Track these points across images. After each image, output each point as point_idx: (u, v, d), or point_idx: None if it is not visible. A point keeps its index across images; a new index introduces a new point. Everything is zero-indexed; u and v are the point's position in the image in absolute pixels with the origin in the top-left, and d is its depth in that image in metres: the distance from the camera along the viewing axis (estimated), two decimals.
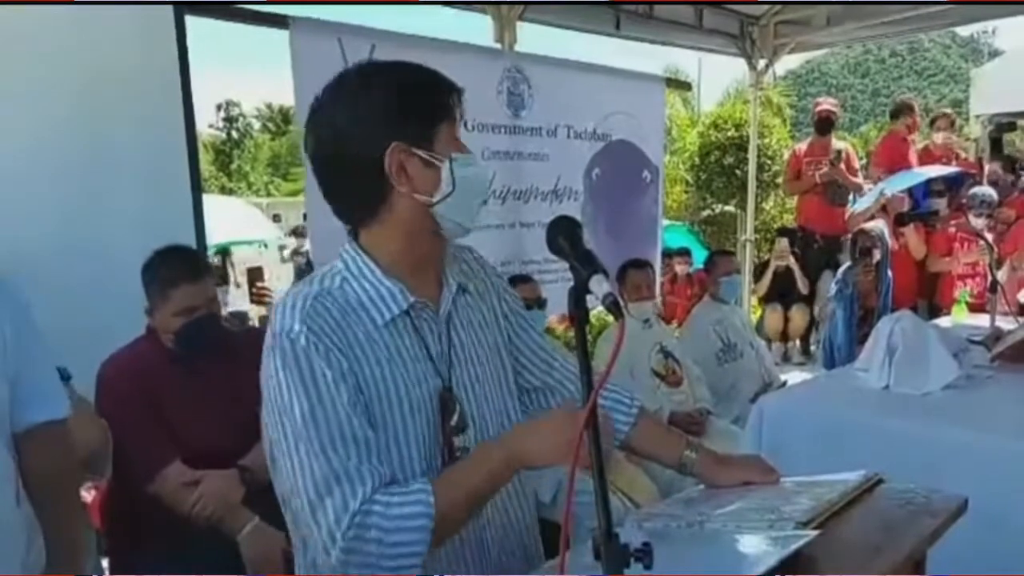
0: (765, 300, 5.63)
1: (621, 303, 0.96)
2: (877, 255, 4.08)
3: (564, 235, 1.02)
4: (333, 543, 0.95)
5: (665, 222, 7.77)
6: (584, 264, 0.95)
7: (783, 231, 6.12)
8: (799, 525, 0.98)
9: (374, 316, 1.05)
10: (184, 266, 1.94)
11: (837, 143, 5.70)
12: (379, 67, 1.07)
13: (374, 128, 1.01)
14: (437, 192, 1.04)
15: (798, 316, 5.48)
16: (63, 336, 1.77)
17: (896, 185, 5.01)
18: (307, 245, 6.11)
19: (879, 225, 4.30)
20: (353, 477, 0.96)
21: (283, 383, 0.99)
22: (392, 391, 1.04)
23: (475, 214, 1.09)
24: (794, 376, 4.33)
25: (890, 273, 4.23)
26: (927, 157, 5.50)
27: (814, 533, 0.95)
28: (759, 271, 5.67)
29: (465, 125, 1.17)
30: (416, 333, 1.08)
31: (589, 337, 0.97)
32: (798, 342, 5.60)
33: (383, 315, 1.05)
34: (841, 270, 4.14)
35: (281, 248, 9.63)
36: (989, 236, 4.22)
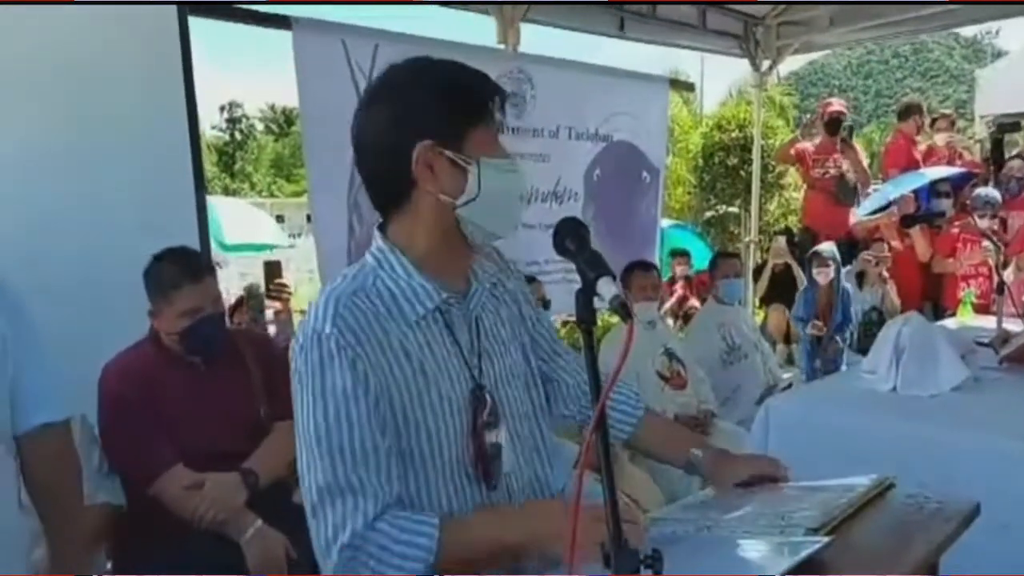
0: (765, 301, 5.60)
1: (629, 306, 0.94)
2: (831, 274, 4.27)
3: (571, 237, 1.01)
4: (327, 555, 0.96)
5: (669, 222, 7.77)
6: (592, 266, 0.95)
7: (783, 231, 6.11)
8: (810, 531, 0.96)
9: (407, 313, 1.05)
10: (186, 267, 1.93)
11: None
12: (424, 65, 1.06)
13: (406, 124, 1.02)
14: (462, 195, 1.03)
15: None
16: (66, 338, 1.77)
17: (900, 187, 4.99)
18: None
19: (831, 247, 4.42)
20: (356, 492, 0.96)
21: (305, 385, 0.99)
22: (424, 388, 1.03)
23: (508, 221, 1.09)
24: (799, 378, 4.31)
25: (848, 286, 4.43)
26: (931, 157, 5.49)
27: (826, 539, 0.94)
28: (757, 272, 5.65)
29: None
30: (447, 329, 1.08)
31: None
32: None
33: (416, 311, 1.05)
34: (799, 293, 4.44)
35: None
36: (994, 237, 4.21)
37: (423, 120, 1.02)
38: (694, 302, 5.76)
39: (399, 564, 0.95)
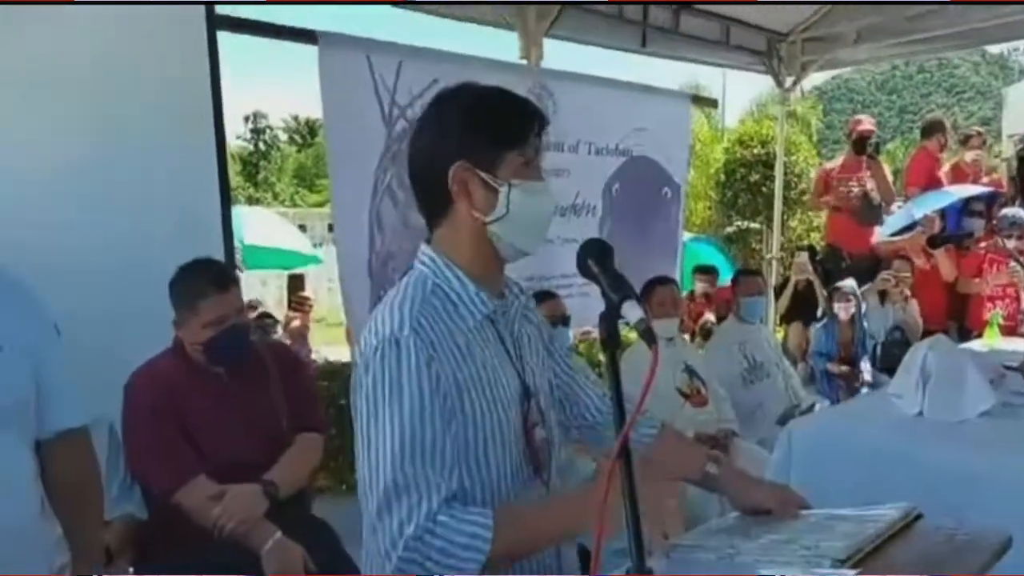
0: (786, 319, 5.53)
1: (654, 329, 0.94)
2: (852, 309, 4.27)
3: (594, 258, 1.02)
4: (393, 549, 1.00)
5: (690, 235, 7.72)
6: (616, 289, 0.95)
7: (806, 248, 6.04)
8: (836, 562, 0.94)
9: (466, 318, 1.12)
10: (211, 277, 1.95)
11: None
12: (468, 90, 1.14)
13: (445, 145, 1.10)
14: (492, 213, 1.10)
15: None
16: (94, 348, 1.80)
17: (925, 206, 4.92)
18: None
19: (851, 283, 4.42)
20: (422, 489, 1.01)
21: (380, 385, 1.04)
22: (488, 385, 1.10)
23: (535, 239, 1.15)
24: (819, 397, 4.26)
25: (865, 324, 4.40)
26: (957, 175, 5.41)
27: (852, 572, 0.92)
28: (779, 289, 5.58)
29: None
30: (497, 334, 1.16)
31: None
32: None
33: (474, 317, 1.13)
34: (819, 327, 4.43)
35: None
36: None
37: (460, 142, 1.10)
38: (709, 316, 5.71)
39: (462, 558, 0.99)
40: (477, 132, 1.10)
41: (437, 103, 1.14)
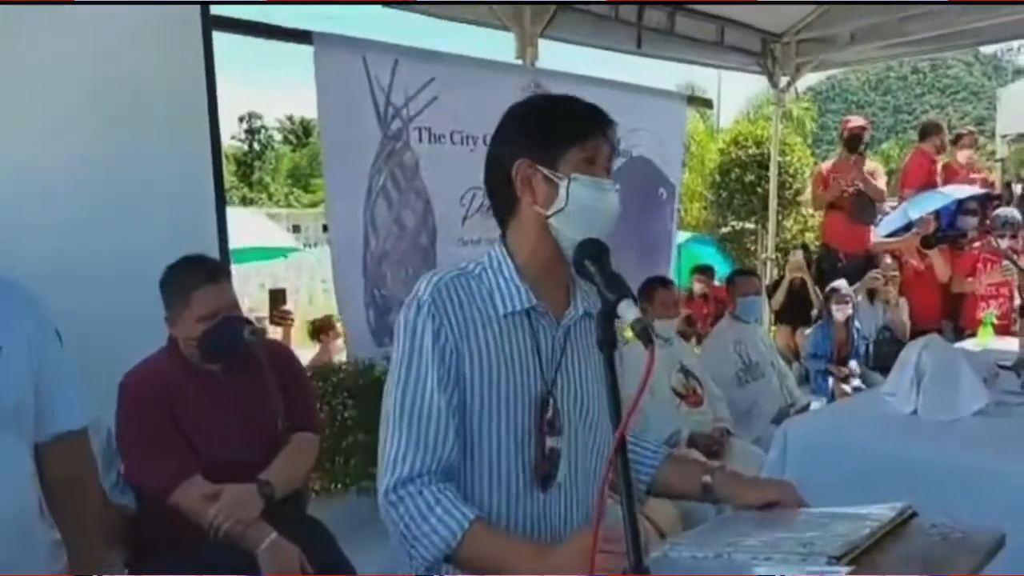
0: (779, 318, 5.55)
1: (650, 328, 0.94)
2: (848, 310, 4.30)
3: (591, 258, 1.02)
4: (383, 491, 1.11)
5: (687, 234, 7.72)
6: (613, 289, 0.95)
7: (800, 247, 6.06)
8: (832, 559, 0.95)
9: (497, 306, 1.16)
10: (203, 270, 1.94)
11: (868, 163, 5.60)
12: (536, 97, 1.24)
13: (510, 146, 1.18)
14: (552, 206, 1.13)
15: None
16: (88, 349, 1.79)
17: (920, 207, 4.94)
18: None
19: (844, 284, 4.45)
20: (411, 438, 1.10)
21: (399, 339, 1.14)
22: (492, 374, 1.13)
23: (596, 233, 1.11)
24: (814, 397, 4.27)
25: (857, 323, 4.42)
26: (949, 174, 5.43)
27: (847, 570, 0.92)
28: (773, 287, 5.60)
29: (483, 140, 1.25)
30: (532, 334, 1.17)
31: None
32: None
33: (505, 307, 1.16)
34: (813, 329, 4.46)
35: None
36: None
37: (523, 140, 1.16)
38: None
39: (427, 533, 1.07)
40: (539, 130, 1.15)
41: (508, 112, 1.20)
